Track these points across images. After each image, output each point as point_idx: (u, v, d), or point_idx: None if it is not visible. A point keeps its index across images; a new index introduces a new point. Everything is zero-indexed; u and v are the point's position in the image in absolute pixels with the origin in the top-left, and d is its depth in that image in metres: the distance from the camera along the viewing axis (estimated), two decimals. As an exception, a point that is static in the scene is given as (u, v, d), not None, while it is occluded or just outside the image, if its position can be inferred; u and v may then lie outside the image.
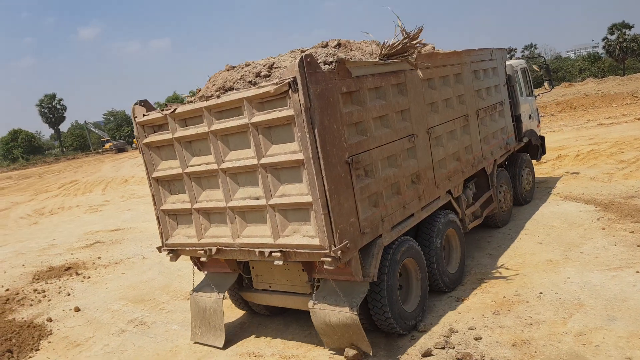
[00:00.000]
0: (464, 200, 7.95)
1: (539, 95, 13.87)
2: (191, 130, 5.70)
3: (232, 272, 6.62)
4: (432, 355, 5.59)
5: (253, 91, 5.06)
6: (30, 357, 7.40)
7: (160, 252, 6.54)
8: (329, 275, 5.51)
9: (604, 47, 61.41)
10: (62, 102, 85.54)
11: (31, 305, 9.53)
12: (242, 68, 6.01)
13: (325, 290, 5.66)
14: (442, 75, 7.41)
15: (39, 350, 7.59)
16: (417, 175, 6.52)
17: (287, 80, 4.73)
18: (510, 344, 5.56)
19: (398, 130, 6.14)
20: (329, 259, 4.93)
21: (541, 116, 14.93)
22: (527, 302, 6.48)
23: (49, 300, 9.68)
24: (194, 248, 6.11)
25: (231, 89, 5.63)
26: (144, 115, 6.13)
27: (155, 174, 6.25)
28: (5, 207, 25.79)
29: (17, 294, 10.22)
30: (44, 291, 10.18)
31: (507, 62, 10.92)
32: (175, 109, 5.74)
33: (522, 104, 11.26)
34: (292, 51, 6.26)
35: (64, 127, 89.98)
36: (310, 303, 5.62)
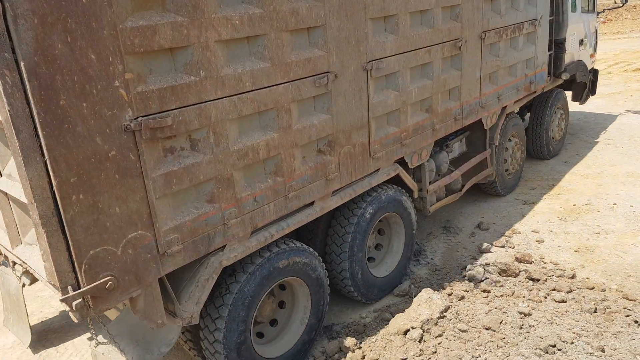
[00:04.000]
0: (428, 170, 5.31)
1: (604, 11, 10.22)
2: None
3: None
4: (490, 252, 5.56)
5: None
6: None
7: None
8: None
9: None
10: None
11: None
12: None
13: (122, 324, 3.48)
14: (416, -31, 4.44)
15: None
16: (328, 140, 3.93)
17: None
18: (573, 249, 5.52)
19: (290, 65, 3.47)
20: (68, 309, 2.66)
21: None
22: (598, 211, 6.37)
23: None
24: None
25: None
26: None
27: None
28: None
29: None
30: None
31: (561, -41, 7.48)
32: None
33: (573, 23, 7.92)
34: None
35: None
36: (93, 342, 3.47)
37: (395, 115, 4.57)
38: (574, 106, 10.22)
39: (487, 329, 4.17)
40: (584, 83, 9.03)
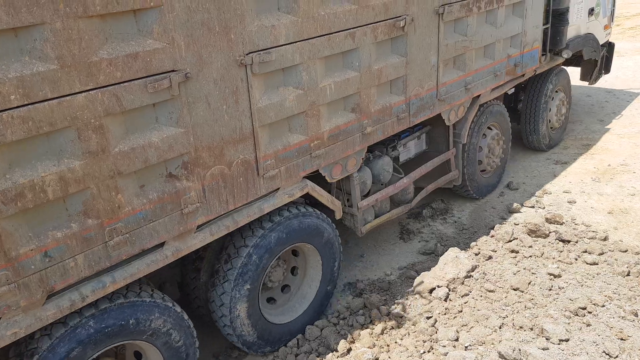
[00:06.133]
0: (359, 183, 4.23)
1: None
2: None
3: None
4: (519, 212, 5.48)
5: None
6: None
7: None
8: None
9: None
10: None
11: None
12: None
13: None
14: None
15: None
16: (183, 161, 2.91)
17: None
18: (607, 211, 5.36)
19: (98, 64, 2.42)
20: None
21: None
22: (634, 172, 6.16)
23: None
24: None
25: None
26: None
27: None
28: None
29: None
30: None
31: None
32: None
33: (581, -12, 6.54)
34: None
35: None
36: None
37: (301, 120, 3.50)
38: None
39: (515, 290, 4.08)
40: (594, 60, 7.64)
